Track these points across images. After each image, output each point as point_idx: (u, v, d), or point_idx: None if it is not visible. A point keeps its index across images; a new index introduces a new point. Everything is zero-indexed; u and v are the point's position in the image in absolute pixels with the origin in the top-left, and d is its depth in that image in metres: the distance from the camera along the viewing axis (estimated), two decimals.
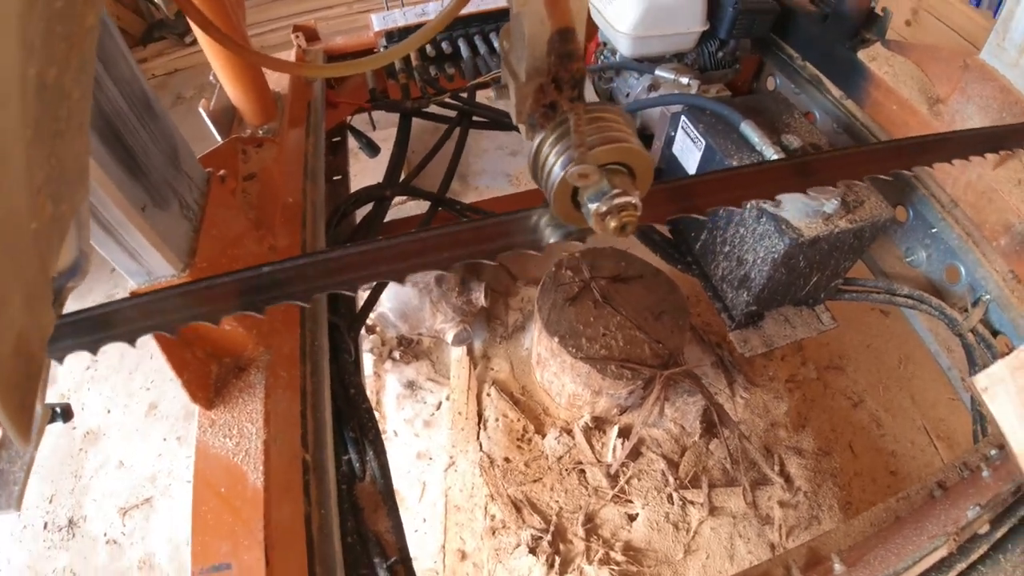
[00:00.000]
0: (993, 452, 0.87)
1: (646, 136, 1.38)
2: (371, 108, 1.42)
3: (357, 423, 1.02)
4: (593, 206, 0.41)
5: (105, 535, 1.55)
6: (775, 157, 0.97)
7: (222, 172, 0.83)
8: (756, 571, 0.84)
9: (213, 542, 0.69)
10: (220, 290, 0.49)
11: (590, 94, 1.59)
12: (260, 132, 1.08)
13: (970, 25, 2.54)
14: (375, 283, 1.26)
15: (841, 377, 1.73)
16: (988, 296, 1.06)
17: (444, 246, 0.52)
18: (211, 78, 1.06)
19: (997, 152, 0.74)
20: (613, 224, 0.41)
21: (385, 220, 1.32)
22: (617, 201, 0.40)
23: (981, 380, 0.64)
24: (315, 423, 0.91)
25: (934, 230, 1.16)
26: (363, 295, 1.24)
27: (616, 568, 1.35)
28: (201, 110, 1.03)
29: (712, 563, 1.39)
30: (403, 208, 1.96)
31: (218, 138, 1.06)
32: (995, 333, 1.08)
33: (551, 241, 0.52)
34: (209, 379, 0.81)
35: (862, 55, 1.28)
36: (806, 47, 1.42)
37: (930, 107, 1.17)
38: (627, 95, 1.38)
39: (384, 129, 1.67)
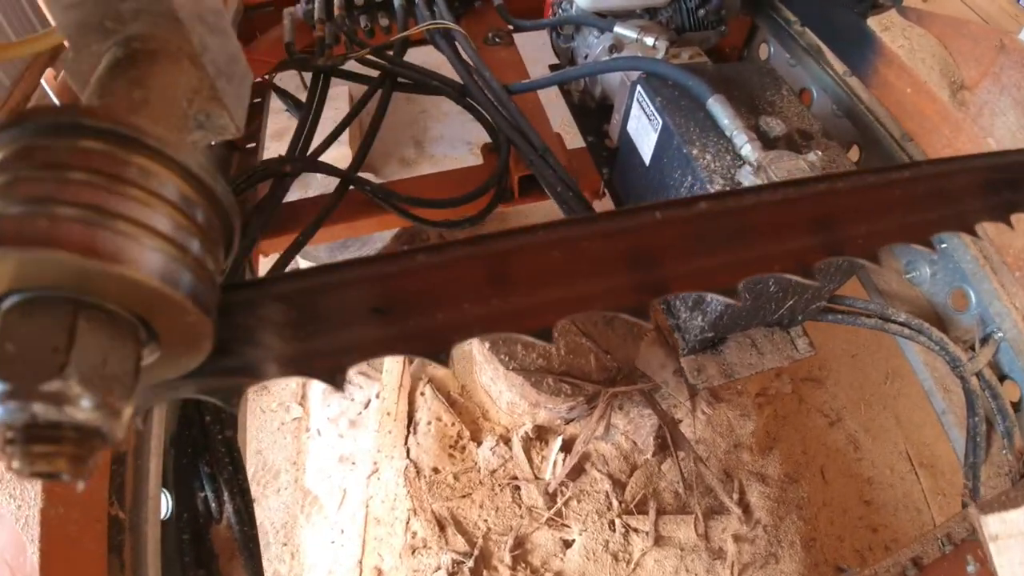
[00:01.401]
0: None
1: (607, 106, 1.16)
2: (278, 68, 1.18)
3: (213, 457, 0.83)
4: None
5: None
6: (748, 145, 0.75)
7: None
8: None
9: None
10: None
11: (548, 53, 1.35)
12: None
13: (991, 7, 2.28)
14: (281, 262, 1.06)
15: (819, 391, 1.55)
16: (1001, 335, 0.87)
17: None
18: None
19: None
20: (17, 465, 0.18)
21: (286, 201, 1.11)
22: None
23: (992, 524, 0.46)
24: (136, 471, 0.71)
25: (944, 245, 0.96)
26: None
27: None
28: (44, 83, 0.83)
29: None
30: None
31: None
32: (1003, 378, 0.90)
33: None
34: None
35: (872, 23, 1.05)
36: (806, 9, 1.19)
37: (952, 94, 0.96)
38: (586, 56, 1.15)
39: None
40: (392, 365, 1.47)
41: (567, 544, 1.28)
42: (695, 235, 0.25)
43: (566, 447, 1.32)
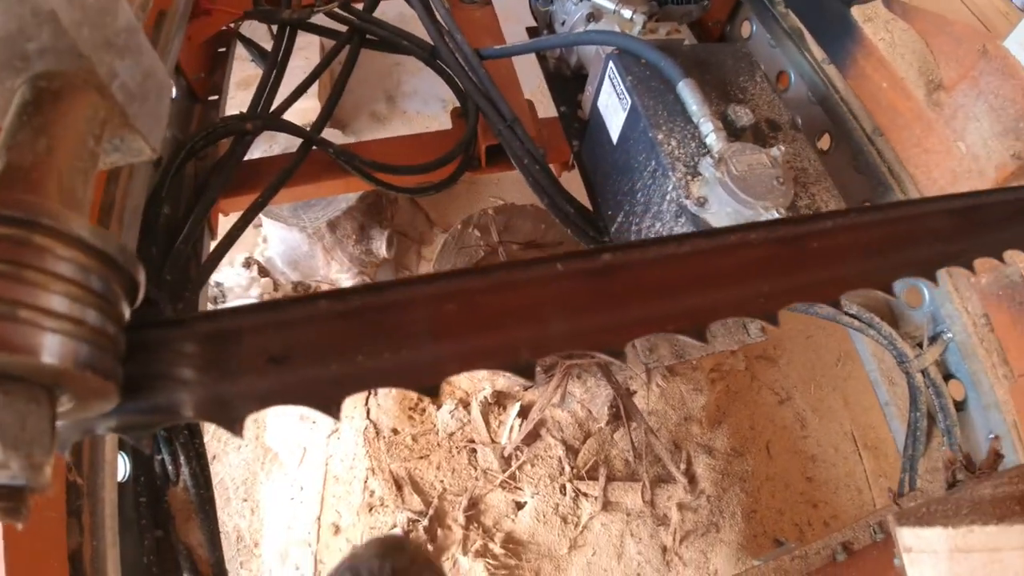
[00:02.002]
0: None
1: (582, 76, 1.14)
2: (241, 17, 1.12)
3: None
4: None
5: None
6: (713, 133, 0.75)
7: None
8: None
9: None
10: None
11: (527, 16, 1.31)
12: None
13: (985, 4, 2.25)
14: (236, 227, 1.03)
15: (772, 369, 1.60)
16: (950, 335, 0.90)
17: None
18: None
19: None
20: None
21: (249, 158, 1.07)
22: None
23: (906, 536, 0.48)
24: (92, 438, 0.71)
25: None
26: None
27: (493, 562, 1.24)
28: None
29: (598, 560, 1.29)
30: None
31: None
32: (948, 377, 0.93)
33: None
34: None
35: (856, 11, 1.03)
36: None
37: (928, 93, 0.95)
38: (563, 23, 1.11)
39: None
40: None
41: (519, 506, 1.32)
42: (593, 292, 0.25)
43: (523, 413, 1.35)
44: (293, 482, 1.42)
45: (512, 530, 1.29)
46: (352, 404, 1.42)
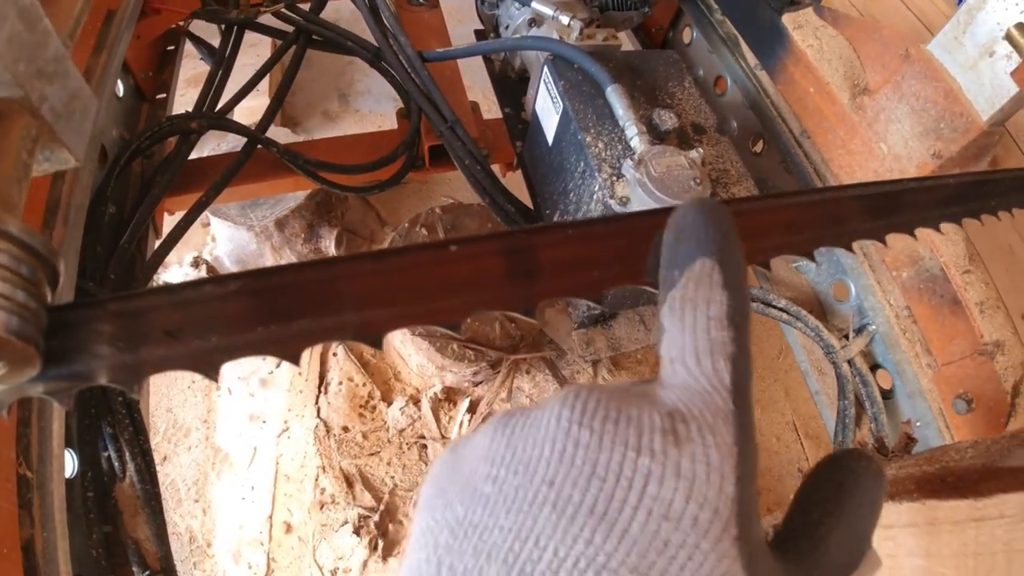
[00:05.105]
0: None
1: (527, 78, 1.17)
2: (189, 17, 1.12)
3: (114, 418, 0.84)
4: None
5: None
6: (636, 137, 0.79)
7: None
8: None
9: None
10: None
11: (469, 19, 1.34)
12: None
13: (927, 5, 2.35)
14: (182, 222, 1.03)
15: None
16: (875, 328, 0.94)
17: None
18: None
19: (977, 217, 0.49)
20: None
21: (196, 156, 1.07)
22: None
23: None
24: (40, 432, 0.72)
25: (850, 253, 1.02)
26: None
27: None
28: None
29: None
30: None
31: None
32: (875, 367, 0.98)
33: None
34: None
35: (787, 19, 1.07)
36: None
37: (852, 97, 0.98)
38: (507, 27, 1.14)
39: None
40: None
41: None
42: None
43: (472, 408, 1.38)
44: (244, 482, 1.42)
45: None
46: (303, 403, 1.42)
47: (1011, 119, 1.03)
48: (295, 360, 0.24)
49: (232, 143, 1.44)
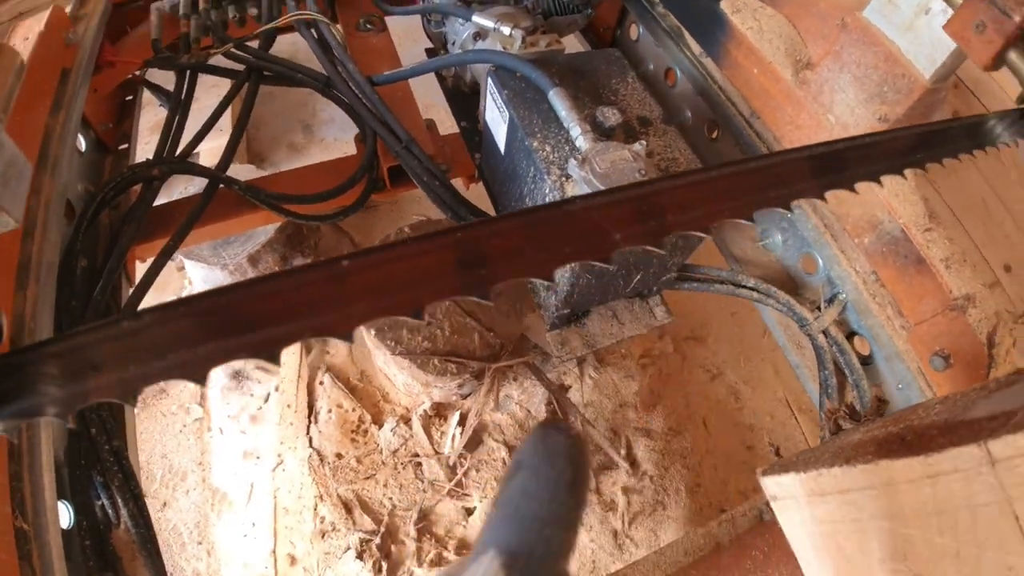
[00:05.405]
0: None
1: (478, 92, 1.19)
2: (143, 66, 1.14)
3: (103, 467, 0.85)
4: None
5: None
6: (581, 136, 0.80)
7: None
8: None
9: None
10: None
11: (423, 37, 1.36)
12: None
13: None
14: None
15: (701, 348, 1.67)
16: (845, 296, 0.95)
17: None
18: None
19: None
20: None
21: (162, 202, 1.09)
22: None
23: (770, 486, 0.51)
24: (33, 485, 0.73)
25: (790, 215, 1.03)
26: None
27: None
28: None
29: None
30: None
31: None
32: (852, 335, 0.99)
33: None
34: None
35: (725, 4, 1.09)
36: None
37: (795, 73, 1.00)
38: (453, 43, 1.16)
39: None
40: (288, 358, 1.48)
41: (469, 512, 1.35)
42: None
43: (463, 421, 1.39)
44: (244, 519, 1.42)
45: (465, 536, 1.32)
46: (294, 435, 1.42)
47: (970, 76, 1.05)
48: (201, 381, 0.26)
49: (200, 185, 1.45)
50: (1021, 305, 0.92)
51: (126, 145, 1.23)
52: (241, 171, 1.40)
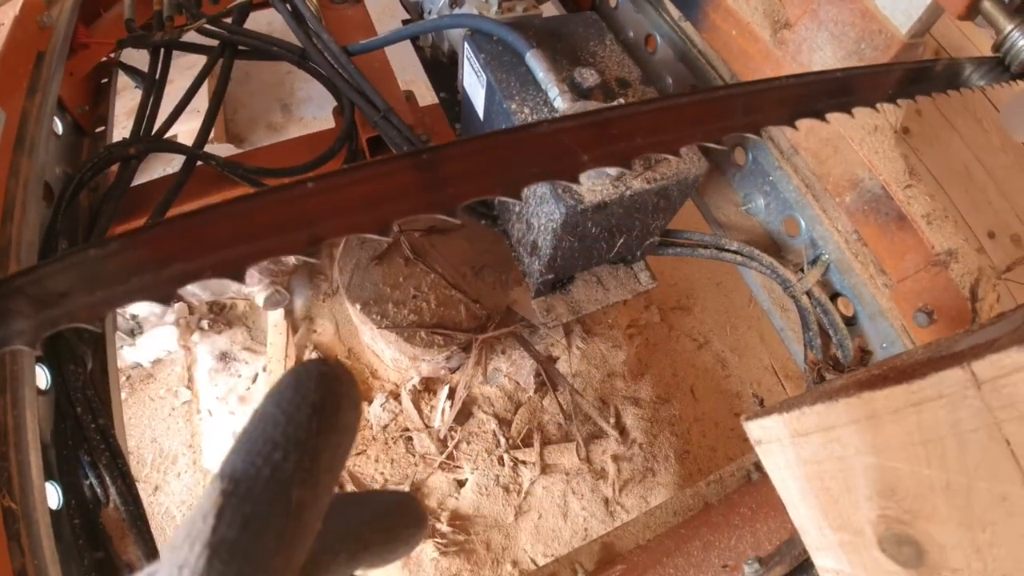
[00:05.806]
0: None
1: (456, 62, 1.18)
2: (116, 47, 1.12)
3: (90, 445, 0.85)
4: None
5: None
6: (560, 98, 0.80)
7: None
8: (544, 572, 0.76)
9: None
10: None
11: (400, 12, 1.34)
12: None
13: None
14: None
15: (688, 318, 1.69)
16: (828, 256, 0.96)
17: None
18: None
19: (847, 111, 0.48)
20: None
21: (134, 184, 1.07)
22: None
23: (754, 430, 0.51)
24: (19, 464, 0.73)
25: (771, 178, 1.04)
26: None
27: (442, 540, 1.28)
28: None
29: (545, 522, 1.35)
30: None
31: None
32: (836, 296, 1.00)
33: None
34: None
35: None
36: None
37: (774, 33, 1.00)
38: (430, 11, 1.15)
39: None
40: (276, 338, 1.48)
41: (460, 484, 1.36)
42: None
43: (452, 395, 1.39)
44: None
45: (457, 507, 1.33)
46: None
47: (952, 43, 1.04)
48: (167, 301, 0.26)
49: (179, 165, 1.43)
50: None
51: (103, 128, 1.21)
52: (219, 150, 1.37)
